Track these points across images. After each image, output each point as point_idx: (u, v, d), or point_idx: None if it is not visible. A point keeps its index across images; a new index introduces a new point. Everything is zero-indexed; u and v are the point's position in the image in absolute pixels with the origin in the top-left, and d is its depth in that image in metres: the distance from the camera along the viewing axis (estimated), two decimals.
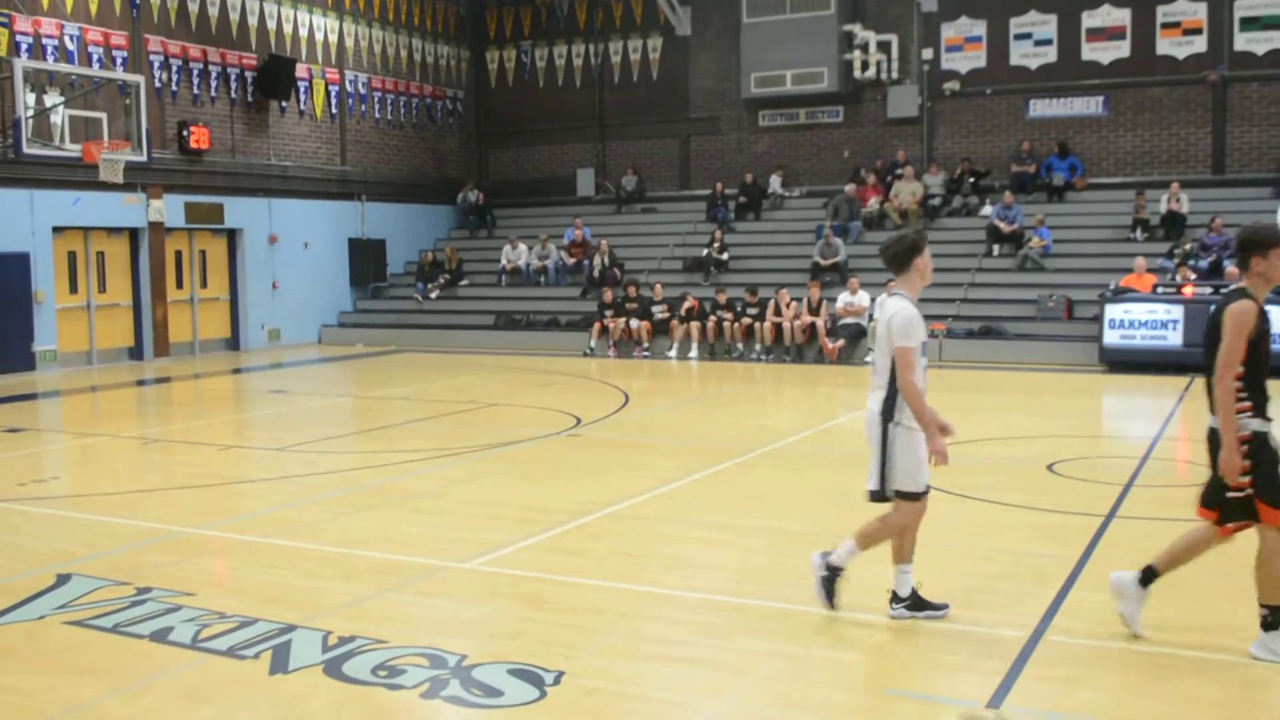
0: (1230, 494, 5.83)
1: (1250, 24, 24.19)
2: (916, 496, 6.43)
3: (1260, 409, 5.77)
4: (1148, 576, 6.16)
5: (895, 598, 6.54)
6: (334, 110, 27.03)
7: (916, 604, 6.50)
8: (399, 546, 8.19)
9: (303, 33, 26.18)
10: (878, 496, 6.47)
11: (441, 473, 11.13)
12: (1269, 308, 6.24)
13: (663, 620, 6.59)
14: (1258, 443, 5.75)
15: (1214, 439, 5.85)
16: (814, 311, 21.67)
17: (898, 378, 6.35)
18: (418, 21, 29.53)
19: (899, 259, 6.48)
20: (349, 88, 27.40)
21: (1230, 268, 20.28)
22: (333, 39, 26.98)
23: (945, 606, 6.53)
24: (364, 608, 6.79)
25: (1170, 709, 5.32)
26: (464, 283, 27.59)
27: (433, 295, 27.06)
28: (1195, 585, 7.10)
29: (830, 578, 6.58)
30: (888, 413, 6.39)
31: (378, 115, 28.36)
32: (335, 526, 8.89)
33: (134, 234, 22.72)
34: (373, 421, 15.25)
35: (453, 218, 30.65)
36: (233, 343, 24.90)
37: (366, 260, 27.76)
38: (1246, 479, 5.75)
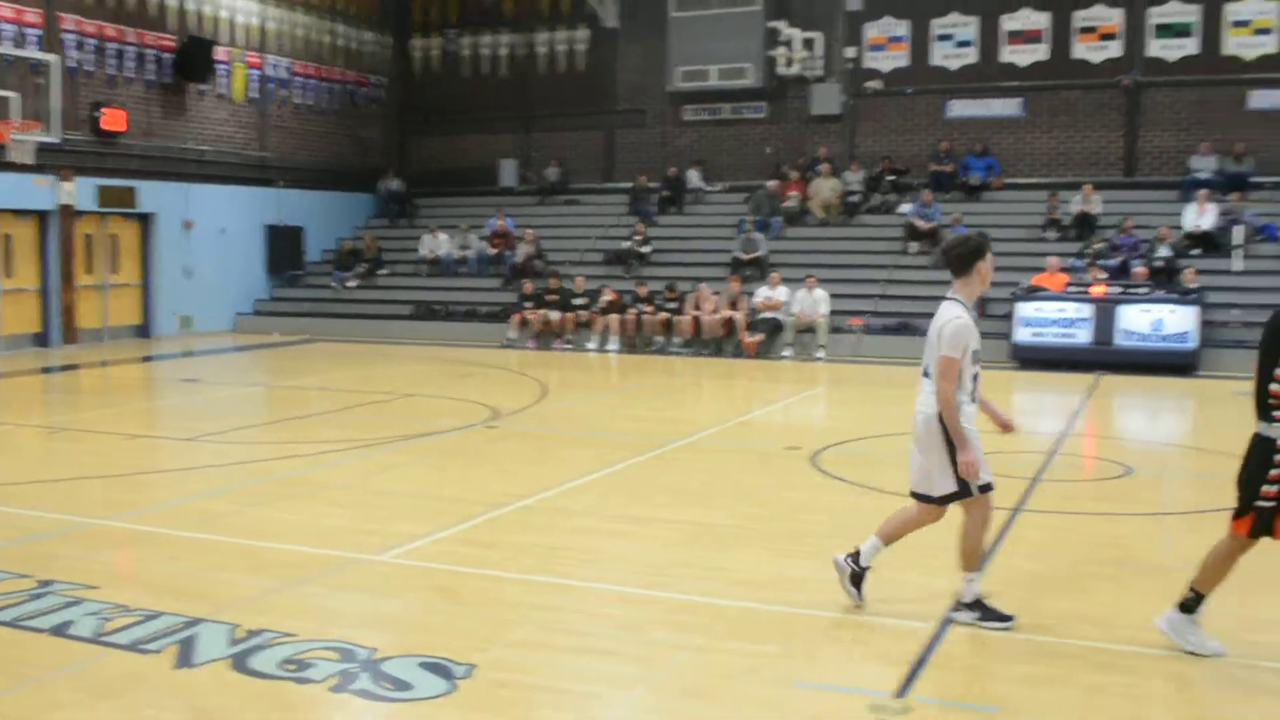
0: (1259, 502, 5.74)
1: (1163, 31, 24.70)
2: (990, 487, 6.40)
3: None
4: (1191, 602, 5.99)
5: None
6: (254, 94, 26.65)
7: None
8: (311, 538, 8.12)
9: (223, 15, 25.77)
10: (954, 497, 6.39)
11: (356, 464, 11.04)
12: None
13: (576, 613, 6.61)
14: None
15: (1260, 447, 5.74)
16: (733, 306, 21.78)
17: (937, 387, 6.32)
18: (341, 7, 29.19)
19: (961, 261, 6.47)
20: (270, 72, 27.02)
21: (1138, 268, 20.73)
22: (254, 22, 26.59)
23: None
24: (273, 600, 6.72)
25: (1072, 698, 5.43)
26: (383, 272, 27.36)
27: (351, 284, 26.80)
28: (1099, 578, 7.26)
29: (990, 614, 6.36)
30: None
31: (299, 101, 28.01)
32: (246, 518, 8.78)
33: (43, 217, 22.19)
34: (287, 411, 15.09)
35: (373, 206, 30.38)
36: (144, 330, 24.44)
37: (284, 247, 27.40)
38: (1274, 489, 5.67)
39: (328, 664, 5.70)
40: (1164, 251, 21.38)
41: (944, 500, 6.41)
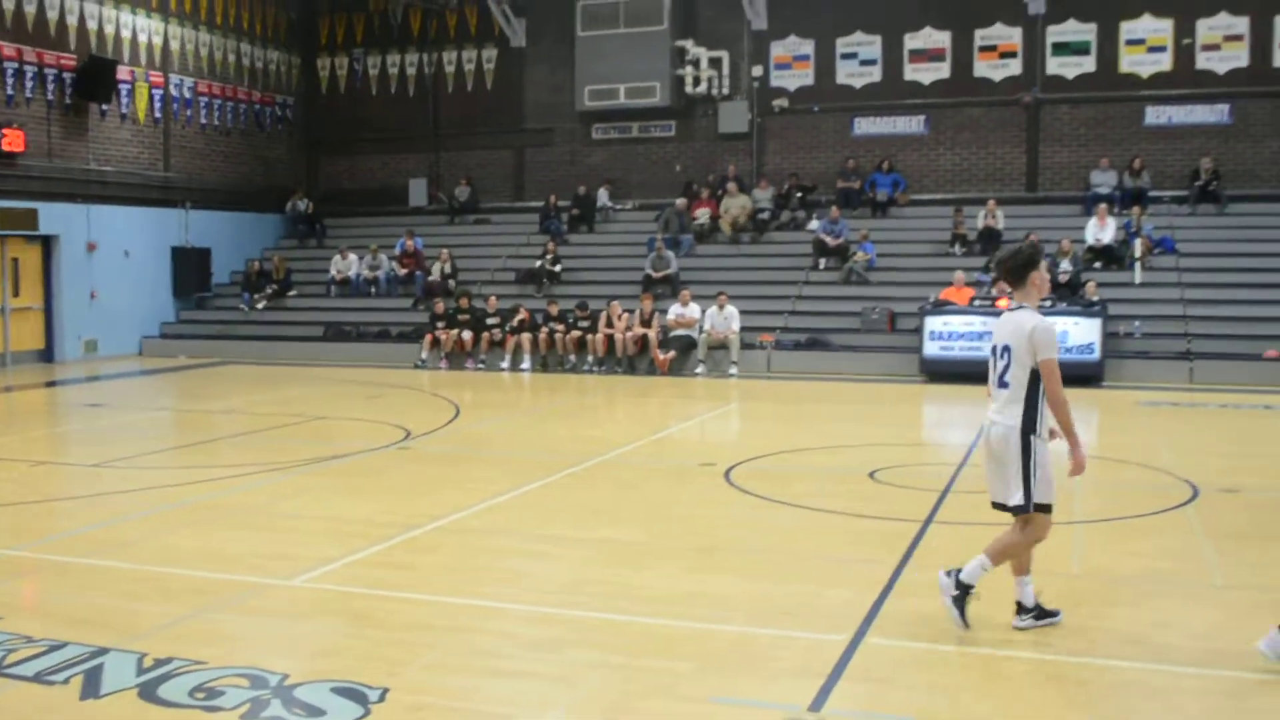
0: None
1: (1061, 49, 25.29)
2: (1050, 508, 6.44)
3: None
4: None
5: (1021, 609, 6.55)
6: (158, 114, 26.25)
7: (1041, 613, 6.54)
8: (221, 564, 8.00)
9: (125, 34, 25.37)
10: (1021, 509, 6.42)
11: (267, 488, 10.90)
12: None
13: (492, 634, 6.58)
14: None
15: None
16: (645, 323, 21.85)
17: (1048, 390, 6.29)
18: (246, 26, 28.89)
19: (1016, 272, 6.50)
20: (174, 92, 26.65)
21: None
22: (157, 41, 26.21)
23: (1059, 613, 6.60)
24: (182, 628, 6.61)
25: (984, 707, 5.52)
26: (292, 293, 27.06)
27: (259, 306, 26.48)
28: (1007, 587, 7.39)
29: (961, 596, 6.46)
30: (1029, 426, 6.33)
31: (204, 120, 27.64)
32: (154, 545, 8.63)
33: None
34: (195, 436, 14.86)
35: (281, 227, 30.05)
36: (46, 354, 23.92)
37: (190, 269, 26.98)
38: None
39: (238, 691, 5.62)
40: (1066, 265, 21.83)
41: (1017, 511, 6.46)
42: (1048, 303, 19.90)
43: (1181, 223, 23.63)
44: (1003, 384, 6.45)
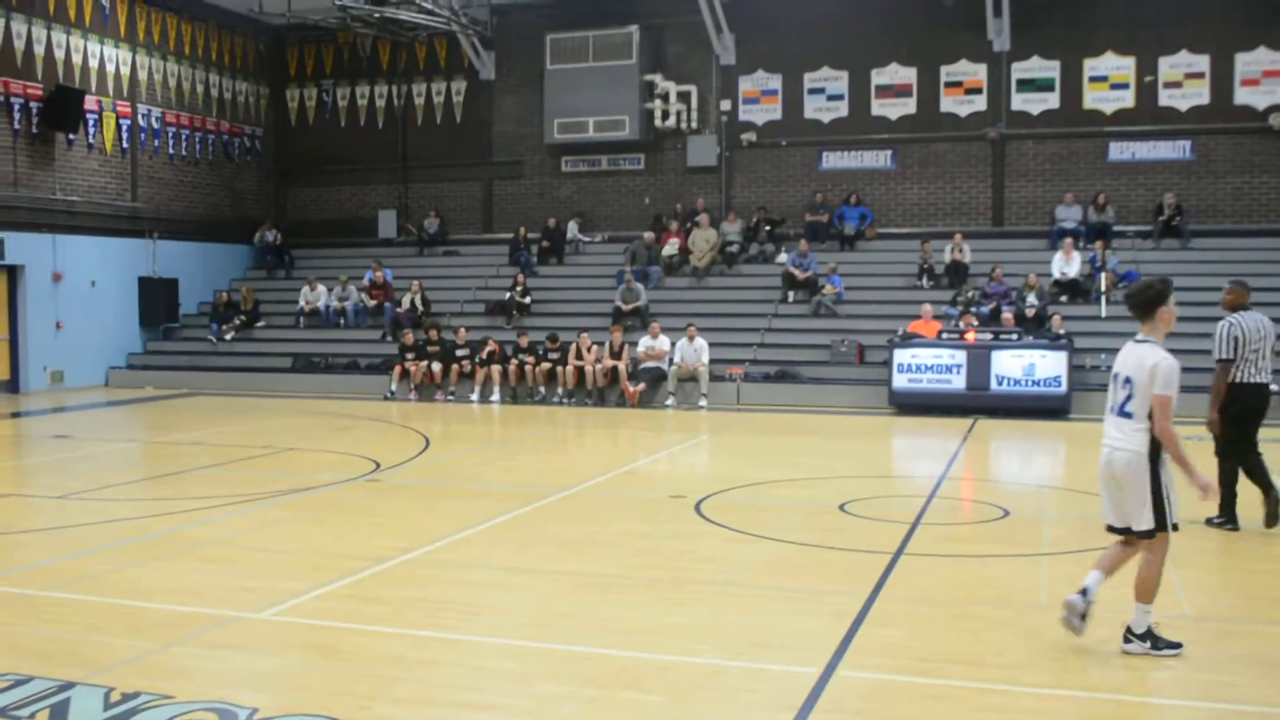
0: None
1: (1026, 86, 25.59)
2: (1176, 528, 6.72)
3: None
4: None
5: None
6: (125, 144, 26.16)
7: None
8: (188, 597, 7.93)
9: (93, 64, 25.30)
10: (1148, 534, 6.69)
11: (234, 520, 10.83)
12: None
13: (462, 667, 6.55)
14: None
15: None
16: (615, 356, 21.87)
17: (1156, 424, 6.56)
18: (215, 56, 28.86)
19: (1145, 307, 6.77)
20: (141, 122, 26.57)
21: (1007, 314, 21.32)
22: (125, 71, 26.15)
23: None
24: (150, 662, 6.55)
25: None
26: (260, 324, 26.95)
27: (228, 336, 26.36)
28: (977, 619, 7.42)
29: (1152, 644, 6.71)
30: (1155, 452, 6.61)
31: (172, 151, 27.55)
32: (121, 578, 8.55)
33: None
34: (163, 468, 14.75)
35: (249, 257, 29.96)
36: (12, 385, 23.71)
37: (158, 300, 26.85)
38: None
39: None
40: (1033, 299, 22.02)
41: (1145, 535, 6.71)
42: (1014, 336, 20.10)
43: (1146, 257, 23.88)
44: (1124, 413, 6.73)
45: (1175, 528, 6.72)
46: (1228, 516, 10.33)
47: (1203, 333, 21.94)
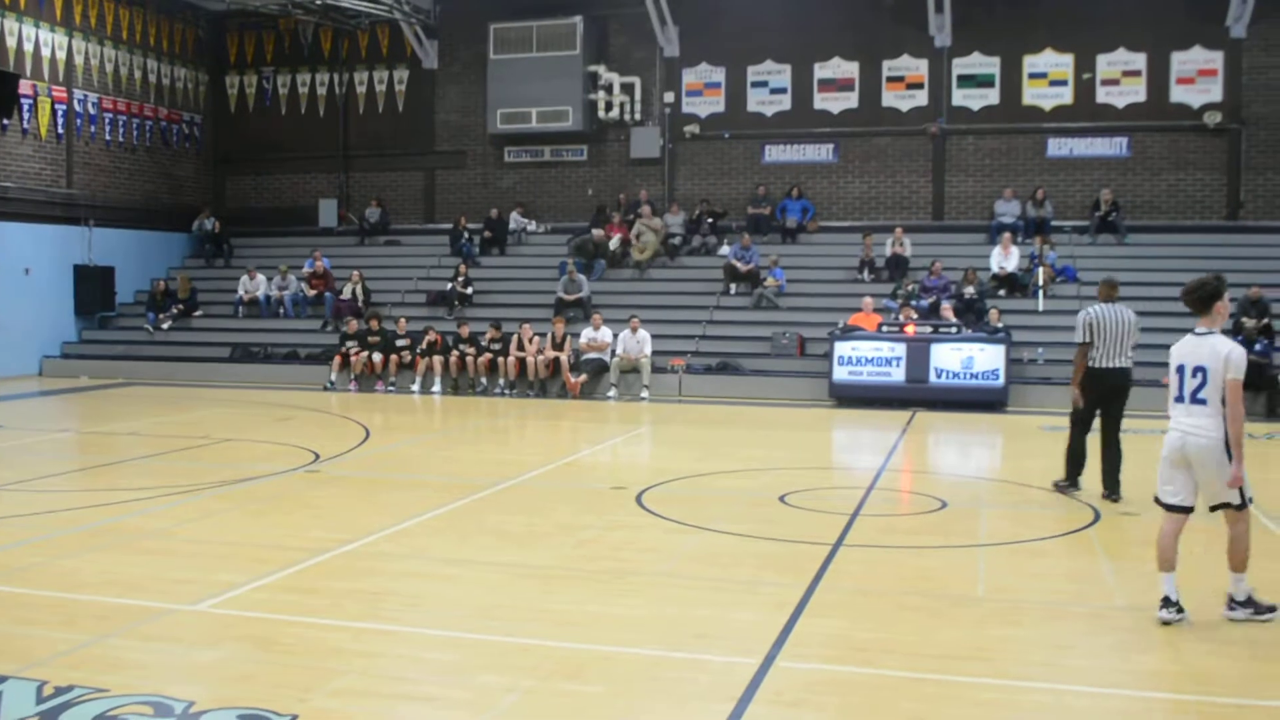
0: None
1: (966, 81, 25.83)
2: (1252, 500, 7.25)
3: None
4: None
5: (1234, 602, 7.24)
6: (60, 130, 25.76)
7: (1256, 607, 7.20)
8: (123, 589, 7.84)
9: (28, 48, 24.87)
10: (1243, 505, 7.18)
11: (171, 511, 10.70)
12: None
13: (401, 659, 6.52)
14: None
15: None
16: (557, 347, 21.85)
17: (1230, 406, 7.05)
18: (153, 42, 28.48)
19: (1204, 302, 7.28)
20: (78, 107, 26.17)
21: (946, 307, 21.53)
22: (61, 55, 25.73)
23: (1276, 607, 7.23)
24: (84, 655, 6.47)
25: None
26: (198, 313, 26.66)
27: (165, 326, 26.04)
28: (913, 610, 7.49)
29: (1261, 608, 7.20)
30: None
31: (108, 137, 27.16)
32: (54, 570, 8.43)
33: None
34: (97, 458, 14.56)
35: (187, 245, 29.60)
36: None
37: (93, 288, 26.46)
38: None
39: None
40: (972, 292, 22.24)
41: (1239, 507, 7.19)
42: (953, 329, 20.30)
43: (1083, 252, 24.21)
44: (1198, 400, 7.18)
45: (1251, 500, 7.24)
46: (1071, 481, 11.75)
47: (1141, 327, 22.27)
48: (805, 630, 7.03)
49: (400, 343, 22.77)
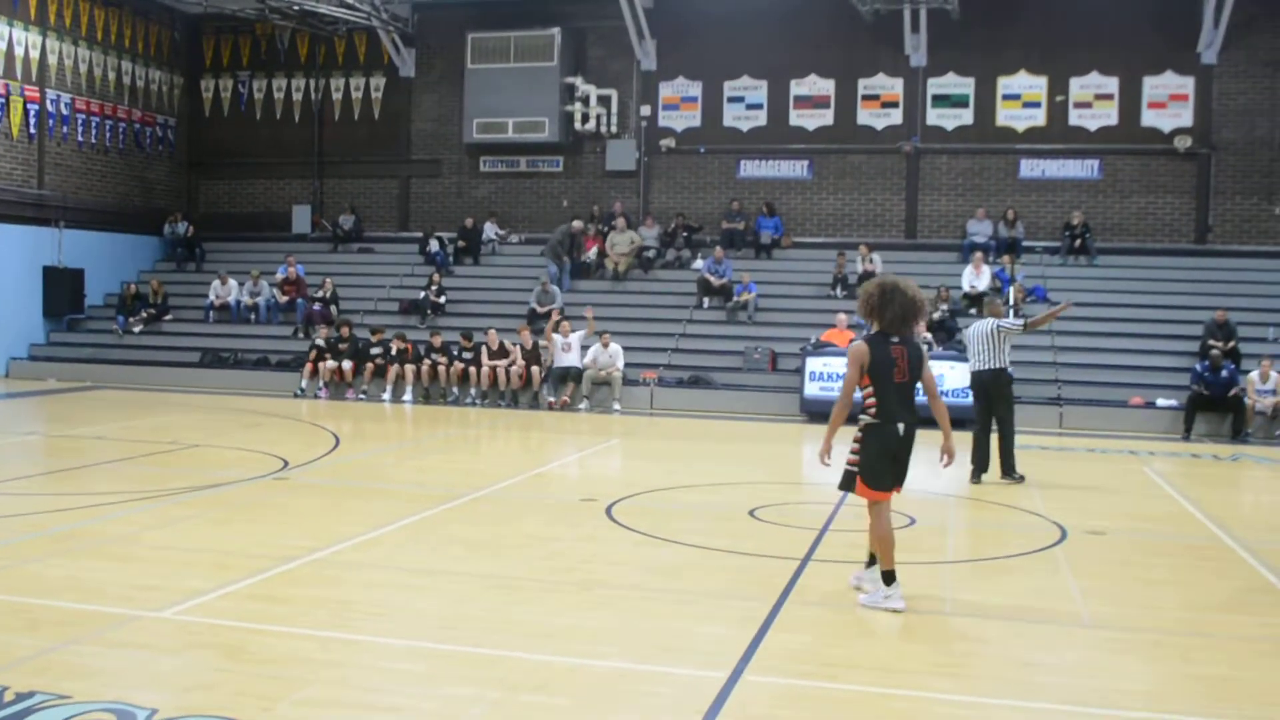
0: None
1: (941, 101, 26.00)
2: None
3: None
4: None
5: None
6: (33, 130, 25.60)
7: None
8: (88, 595, 7.77)
9: (1, 46, 24.71)
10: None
11: (137, 516, 10.63)
12: None
13: (368, 669, 6.49)
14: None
15: None
16: (531, 357, 21.81)
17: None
18: (128, 44, 28.34)
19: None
20: (50, 107, 26.01)
21: (921, 325, 21.60)
22: (34, 55, 25.57)
23: None
24: (46, 661, 6.41)
25: None
26: (169, 317, 26.51)
27: (135, 329, 25.88)
28: (882, 626, 7.51)
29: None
30: None
31: (81, 138, 27.00)
32: (16, 574, 8.35)
33: None
34: (64, 462, 14.45)
35: (159, 249, 29.43)
36: None
37: (63, 290, 26.25)
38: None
39: None
40: (945, 311, 22.34)
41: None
42: (926, 347, 20.36)
43: (1053, 272, 24.38)
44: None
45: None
46: (977, 469, 13.82)
47: (1106, 347, 22.49)
48: (773, 645, 7.04)
49: (374, 350, 22.68)
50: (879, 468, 7.94)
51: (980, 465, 13.73)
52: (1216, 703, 6.22)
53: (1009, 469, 13.62)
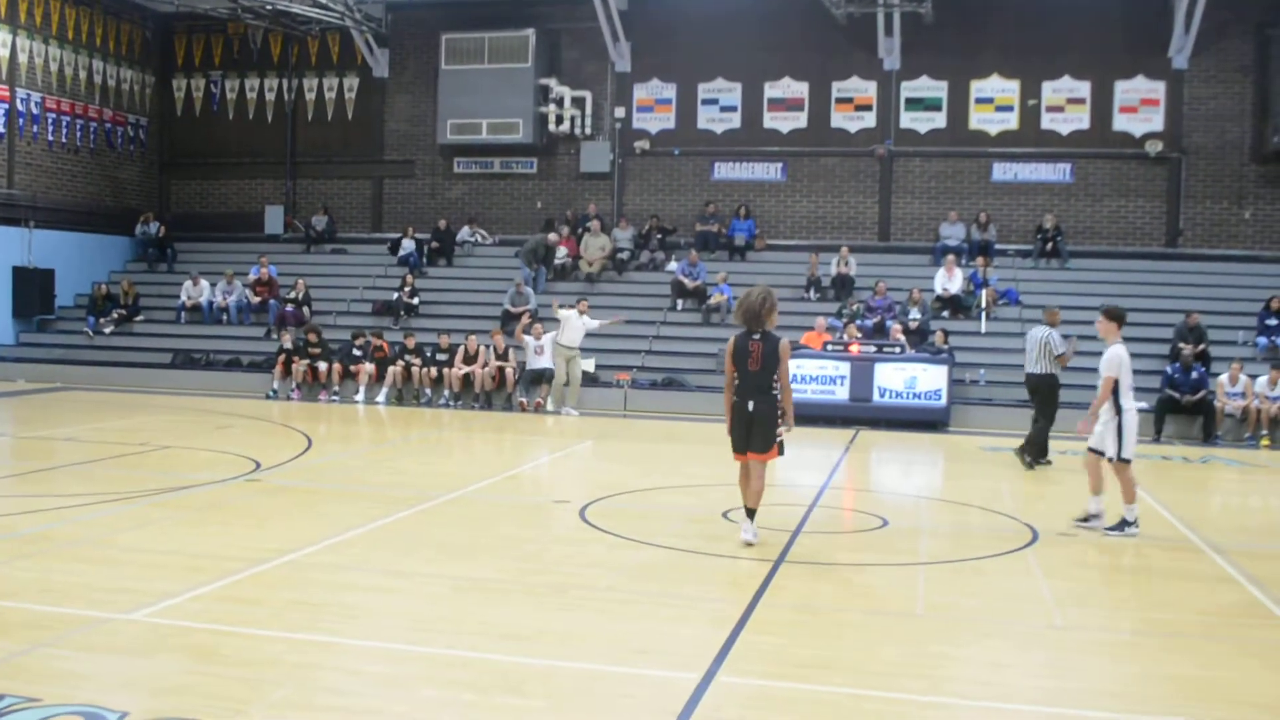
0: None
1: (914, 104, 26.10)
2: None
3: None
4: None
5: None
6: (2, 129, 25.41)
7: None
8: (57, 597, 7.72)
9: None
10: None
11: (107, 519, 10.56)
12: None
13: (340, 671, 6.47)
14: None
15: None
16: (503, 358, 21.78)
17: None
18: (100, 42, 28.17)
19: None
20: (20, 106, 25.83)
21: (893, 328, 21.70)
22: (4, 53, 25.40)
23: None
24: (15, 664, 6.36)
25: None
26: (140, 318, 26.36)
27: (105, 330, 25.72)
28: (853, 627, 7.54)
29: None
30: None
31: (51, 137, 26.82)
32: None
33: None
34: (33, 463, 14.34)
35: (130, 249, 29.26)
36: None
37: (32, 290, 26.06)
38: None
39: None
40: (916, 313, 22.43)
41: None
42: (897, 349, 20.46)
43: (1025, 275, 24.51)
44: None
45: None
46: (1033, 458, 15.42)
47: (1077, 349, 22.72)
48: (746, 646, 7.04)
49: (357, 352, 22.57)
50: (734, 435, 9.98)
51: (1037, 454, 15.42)
52: (1187, 703, 6.26)
53: (1038, 455, 15.45)
